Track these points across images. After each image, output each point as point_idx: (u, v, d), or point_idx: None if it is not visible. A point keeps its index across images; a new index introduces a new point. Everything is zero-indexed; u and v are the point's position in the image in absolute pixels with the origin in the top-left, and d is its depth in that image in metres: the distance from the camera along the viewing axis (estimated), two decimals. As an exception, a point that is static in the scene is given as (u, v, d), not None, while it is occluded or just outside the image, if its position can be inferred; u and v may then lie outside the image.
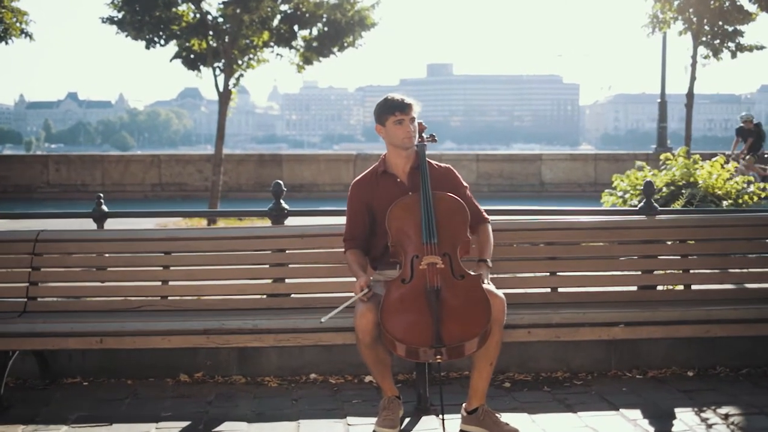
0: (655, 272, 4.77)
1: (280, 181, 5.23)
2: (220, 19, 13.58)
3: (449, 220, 4.04)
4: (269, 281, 4.90)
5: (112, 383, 4.90)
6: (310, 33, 13.95)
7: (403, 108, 4.17)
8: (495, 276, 4.30)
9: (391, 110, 4.18)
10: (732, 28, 13.75)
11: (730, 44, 13.86)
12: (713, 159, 12.94)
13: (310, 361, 4.99)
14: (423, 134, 4.33)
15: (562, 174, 18.93)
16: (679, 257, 4.77)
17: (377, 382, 4.16)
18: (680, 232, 4.79)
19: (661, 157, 13.99)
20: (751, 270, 4.74)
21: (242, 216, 5.77)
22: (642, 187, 11.94)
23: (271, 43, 13.80)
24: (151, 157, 19.45)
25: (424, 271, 3.86)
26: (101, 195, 5.31)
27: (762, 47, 13.90)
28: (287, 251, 4.83)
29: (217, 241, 4.86)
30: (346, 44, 13.92)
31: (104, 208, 5.23)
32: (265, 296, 4.82)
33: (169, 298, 4.76)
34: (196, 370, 4.97)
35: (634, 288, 4.77)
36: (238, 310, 4.69)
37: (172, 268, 4.81)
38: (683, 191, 12.91)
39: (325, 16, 13.67)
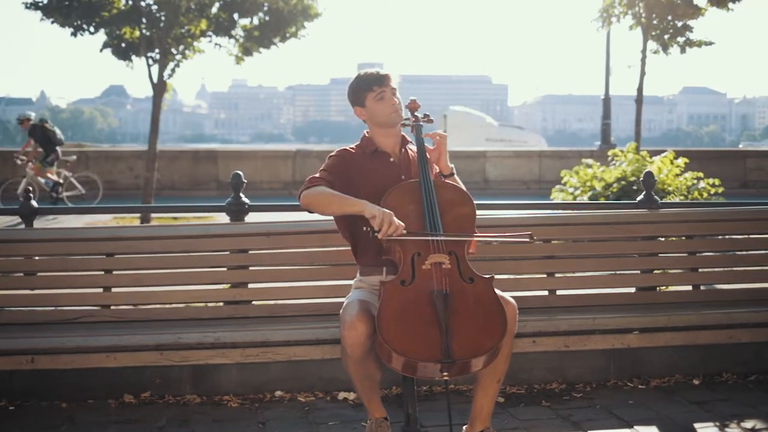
0: (662, 271, 4.32)
1: (240, 172, 4.60)
2: (155, 6, 12.74)
3: (454, 213, 3.49)
4: (227, 286, 4.29)
5: (43, 407, 4.18)
6: (251, 22, 13.24)
7: (381, 80, 3.64)
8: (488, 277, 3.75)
9: (368, 86, 3.63)
10: (681, 23, 13.58)
11: (679, 39, 13.70)
12: (662, 155, 12.78)
13: (276, 377, 4.36)
14: (417, 113, 3.77)
15: (507, 171, 18.60)
16: (686, 254, 4.33)
17: (364, 401, 3.57)
18: (687, 227, 4.35)
19: (609, 153, 13.76)
20: (763, 267, 4.32)
21: (199, 211, 5.07)
22: (590, 183, 11.64)
23: (209, 33, 13.04)
24: (79, 153, 18.37)
25: (428, 272, 3.29)
26: (30, 189, 4.58)
27: (710, 43, 13.76)
28: (250, 251, 4.21)
29: (168, 240, 4.21)
30: (288, 34, 13.27)
31: (33, 203, 4.50)
32: (222, 303, 4.21)
33: (112, 307, 4.10)
34: (143, 390, 4.29)
35: (641, 289, 4.32)
36: (195, 320, 4.07)
37: (115, 272, 4.14)
38: (634, 187, 12.71)
39: (266, 4, 12.97)
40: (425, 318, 3.20)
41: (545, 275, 4.24)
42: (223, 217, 8.23)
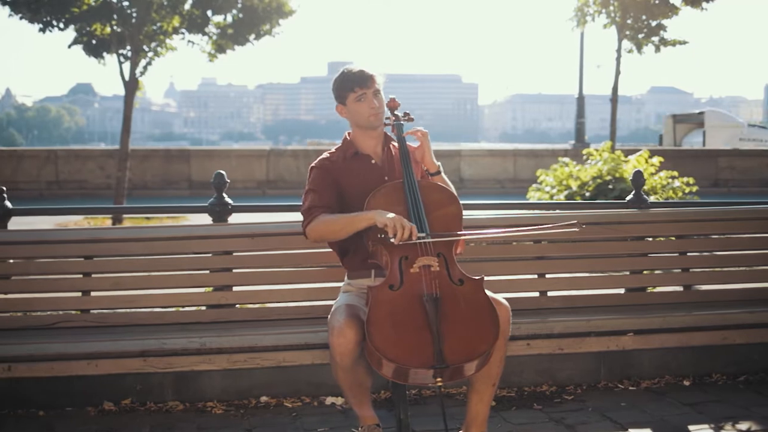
0: (654, 272, 4.27)
1: (223, 172, 4.46)
2: (126, 2, 12.51)
3: (440, 214, 3.40)
4: (209, 289, 4.17)
5: (19, 415, 4.02)
6: (225, 19, 13.05)
7: (364, 81, 3.51)
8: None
9: (349, 86, 3.52)
10: (656, 22, 13.62)
11: (654, 39, 13.74)
12: (637, 154, 12.82)
13: (261, 382, 4.24)
14: (397, 112, 3.67)
15: (482, 170, 18.56)
16: (677, 254, 4.28)
17: (354, 408, 3.47)
18: (678, 226, 4.30)
19: (584, 152, 13.78)
20: (755, 268, 4.29)
21: (182, 212, 4.93)
22: (566, 182, 11.63)
23: (182, 30, 12.83)
24: (47, 153, 18.05)
25: (417, 276, 3.19)
26: (4, 189, 4.41)
27: (684, 42, 13.83)
28: (234, 253, 4.09)
29: (149, 242, 4.07)
30: (262, 32, 13.10)
31: (8, 204, 4.34)
32: (205, 307, 4.09)
33: (92, 312, 3.96)
34: (124, 396, 4.15)
35: (632, 290, 4.27)
36: (178, 325, 3.94)
37: (94, 275, 4.00)
38: (610, 186, 12.74)
39: (240, 1, 12.81)
40: (416, 323, 3.10)
41: (536, 276, 4.17)
42: (197, 218, 8.10)
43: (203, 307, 4.09)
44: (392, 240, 3.19)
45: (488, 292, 3.28)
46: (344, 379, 3.31)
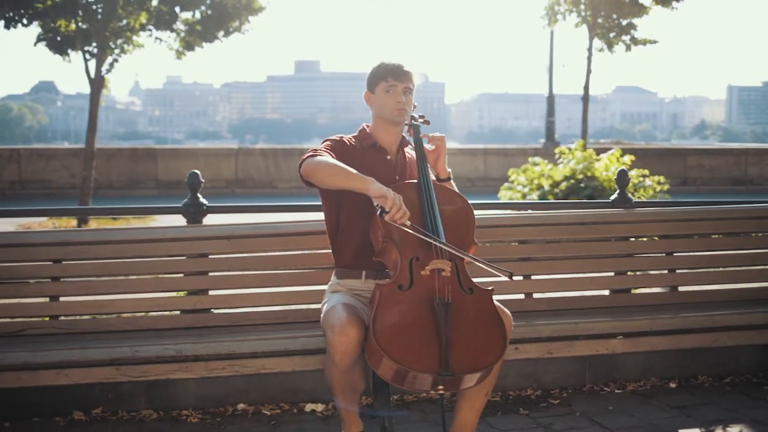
0: (642, 272, 4.19)
1: (197, 171, 4.30)
2: (91, -3, 12.22)
3: (454, 220, 3.31)
4: (183, 294, 4.02)
5: (-16, 427, 3.85)
6: (193, 15, 12.81)
7: (398, 74, 3.42)
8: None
9: (383, 75, 3.42)
10: (627, 21, 13.65)
11: (624, 38, 13.76)
12: (609, 152, 12.81)
13: (237, 388, 4.09)
14: (413, 113, 3.57)
15: (452, 168, 18.40)
16: (663, 255, 4.21)
17: (342, 413, 3.34)
18: (664, 226, 4.23)
19: (556, 151, 13.74)
20: (741, 268, 4.23)
21: (154, 213, 4.75)
22: (538, 181, 11.56)
23: (149, 26, 12.56)
24: (10, 152, 17.62)
25: (427, 279, 3.09)
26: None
27: (654, 42, 13.87)
28: (210, 256, 3.94)
29: (120, 245, 3.90)
30: (231, 29, 12.88)
31: (-30, 205, 4.14)
32: (179, 313, 3.93)
33: (61, 318, 3.78)
34: (94, 405, 3.97)
35: (617, 291, 4.19)
36: (151, 331, 3.78)
37: (63, 280, 3.83)
38: (582, 185, 12.73)
39: (209, -3, 12.59)
40: (424, 326, 2.99)
41: (521, 278, 4.07)
42: (167, 219, 7.88)
43: (177, 312, 3.93)
44: (384, 215, 3.06)
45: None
46: (339, 382, 3.19)
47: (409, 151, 3.59)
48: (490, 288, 3.19)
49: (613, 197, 4.54)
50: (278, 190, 17.22)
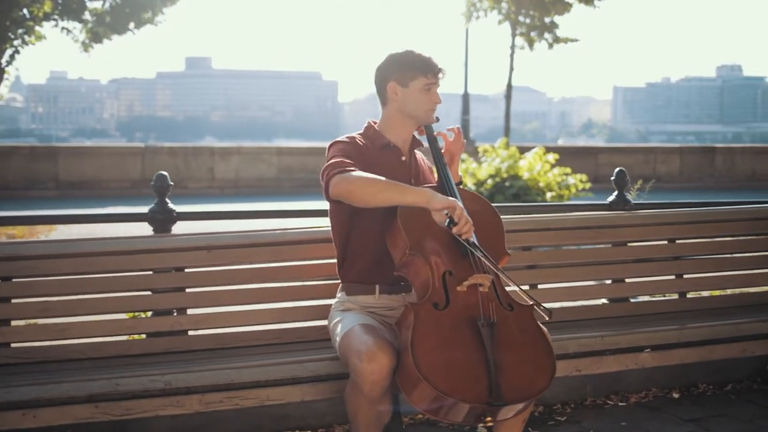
0: (649, 279, 3.97)
1: (165, 173, 3.80)
2: (-11, -16, 11.26)
3: (486, 228, 2.95)
4: (148, 314, 3.54)
5: None
6: (103, 5, 12.01)
7: (438, 72, 3.06)
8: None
9: (422, 69, 3.03)
10: (549, 19, 13.66)
11: (547, 36, 13.77)
12: (533, 151, 12.75)
13: (218, 418, 3.61)
14: None
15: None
16: (671, 259, 3.99)
17: None
18: (670, 229, 4.00)
19: (480, 149, 13.59)
20: (752, 272, 4.06)
21: (116, 221, 4.17)
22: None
23: (55, 16, 11.69)
24: None
25: (466, 296, 2.74)
26: None
27: (575, 40, 13.93)
28: (187, 270, 3.45)
29: (81, 259, 3.36)
30: (144, 20, 12.15)
31: None
32: (145, 336, 3.44)
33: (12, 345, 3.23)
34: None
35: (615, 300, 3.94)
36: (124, 357, 3.28)
37: (14, 301, 3.27)
38: (507, 183, 12.60)
39: (119, -15, 11.83)
40: (469, 351, 2.64)
41: (528, 287, 3.76)
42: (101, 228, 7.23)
43: (144, 336, 3.44)
44: (452, 227, 2.70)
45: None
46: (366, 414, 2.80)
47: (419, 153, 3.25)
48: (530, 303, 2.86)
49: (610, 198, 4.31)
50: (188, 191, 16.45)
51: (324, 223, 3.65)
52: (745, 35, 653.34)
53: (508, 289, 2.90)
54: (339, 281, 3.44)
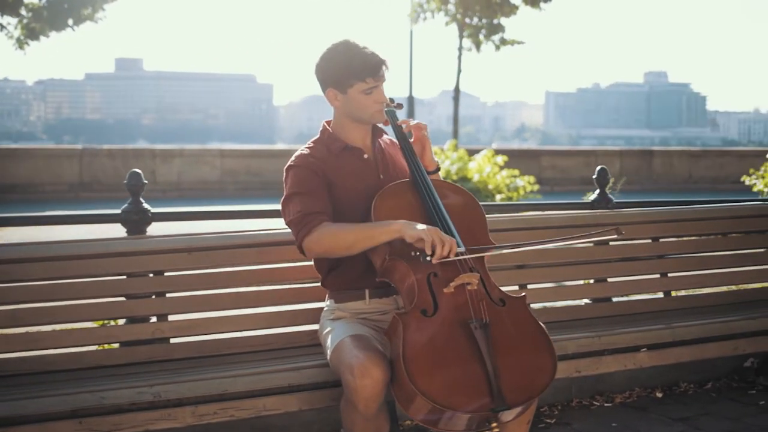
0: (634, 278, 3.93)
1: (139, 171, 3.60)
2: None
3: (465, 218, 2.83)
4: (120, 322, 3.34)
5: None
6: (40, 0, 11.57)
7: (377, 70, 2.86)
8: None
9: (359, 74, 2.83)
10: (497, 21, 13.72)
11: (494, 38, 13.82)
12: (482, 153, 12.79)
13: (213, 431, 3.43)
14: None
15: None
16: (656, 258, 3.96)
17: None
18: (654, 228, 3.98)
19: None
20: (734, 269, 4.06)
21: (85, 222, 3.91)
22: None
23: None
24: None
25: (454, 297, 2.61)
26: None
27: (521, 42, 14.02)
28: (167, 273, 3.27)
29: (53, 263, 3.14)
30: (84, 16, 11.75)
31: None
32: (118, 345, 3.25)
33: (-18, 357, 3.00)
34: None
35: (598, 300, 3.90)
36: (102, 368, 3.08)
37: (-18, 309, 3.04)
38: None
39: (58, -19, 11.41)
40: (464, 357, 2.52)
41: (517, 287, 3.68)
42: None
43: (117, 345, 3.24)
44: (429, 258, 2.57)
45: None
46: (363, 429, 2.65)
47: (384, 142, 3.08)
48: (522, 294, 2.76)
49: (593, 197, 4.26)
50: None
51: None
52: (671, 43, 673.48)
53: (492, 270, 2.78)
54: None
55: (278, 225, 3.54)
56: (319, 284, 3.30)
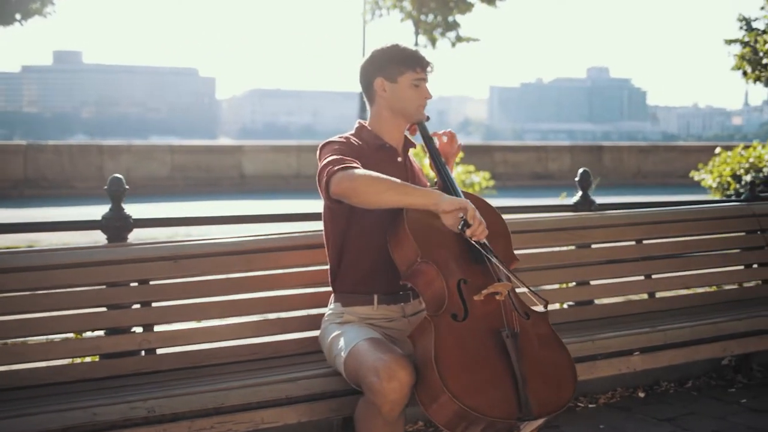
0: (618, 280, 3.95)
1: (120, 176, 3.46)
2: None
3: (495, 232, 2.79)
4: (102, 333, 3.21)
5: None
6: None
7: (426, 66, 2.92)
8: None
9: (411, 63, 2.88)
10: (452, 18, 13.72)
11: (450, 35, 13.82)
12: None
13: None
14: None
15: (264, 166, 17.77)
16: (640, 260, 3.98)
17: None
18: (638, 230, 3.99)
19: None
20: (718, 270, 4.11)
21: (64, 230, 3.74)
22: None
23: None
24: None
25: (485, 305, 2.59)
26: None
27: (476, 40, 14.03)
28: (152, 282, 3.16)
29: (32, 273, 3.00)
30: (32, 10, 11.40)
31: None
32: (99, 357, 3.14)
33: (-38, 372, 2.85)
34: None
35: (579, 303, 3.91)
36: (89, 381, 2.97)
37: (-41, 322, 2.89)
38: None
39: (3, -28, 11.03)
40: (494, 364, 2.50)
41: (506, 291, 3.65)
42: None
43: (98, 357, 3.12)
44: (464, 231, 2.55)
45: None
46: None
47: (410, 154, 3.09)
48: (544, 309, 2.75)
49: (575, 199, 4.26)
50: (76, 191, 15.63)
51: (300, 228, 3.45)
52: (613, 39, 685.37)
53: (519, 291, 2.78)
54: (320, 290, 3.25)
55: (265, 230, 3.47)
56: (306, 291, 3.25)
